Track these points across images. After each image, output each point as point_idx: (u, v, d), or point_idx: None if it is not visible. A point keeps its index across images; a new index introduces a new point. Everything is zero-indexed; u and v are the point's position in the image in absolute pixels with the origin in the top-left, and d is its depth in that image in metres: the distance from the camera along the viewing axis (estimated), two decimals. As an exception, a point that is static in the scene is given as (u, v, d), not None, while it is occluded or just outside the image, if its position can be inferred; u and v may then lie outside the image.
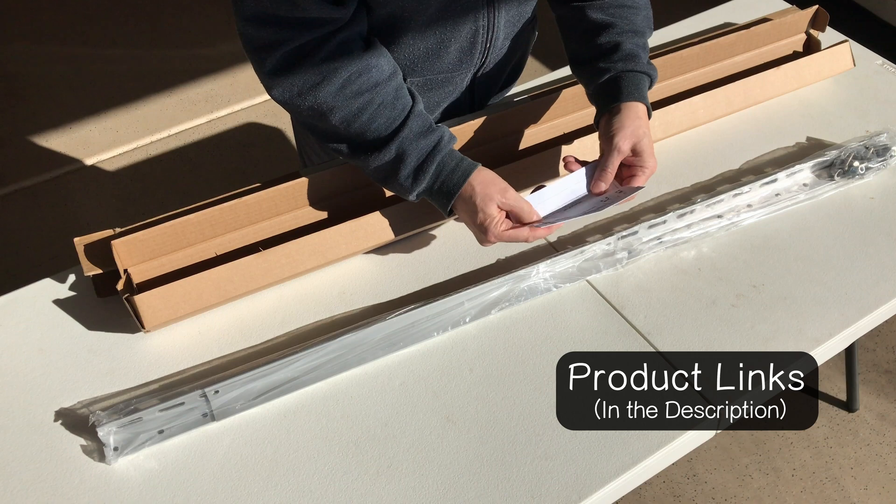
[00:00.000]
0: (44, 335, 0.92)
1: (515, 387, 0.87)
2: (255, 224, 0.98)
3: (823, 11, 1.27)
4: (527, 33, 1.12)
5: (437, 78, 1.04)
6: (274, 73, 0.87)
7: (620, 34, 0.97)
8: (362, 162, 0.92)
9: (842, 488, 1.66)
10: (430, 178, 0.90)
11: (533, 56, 2.71)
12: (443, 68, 1.03)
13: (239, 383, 0.84)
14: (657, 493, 1.66)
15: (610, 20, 0.97)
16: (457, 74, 1.05)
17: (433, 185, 0.90)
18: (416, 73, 1.02)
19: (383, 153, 0.89)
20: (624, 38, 0.96)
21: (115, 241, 0.91)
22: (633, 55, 0.96)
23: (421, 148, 0.89)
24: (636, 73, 0.95)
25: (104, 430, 0.81)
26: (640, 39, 0.97)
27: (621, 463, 0.81)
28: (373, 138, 0.89)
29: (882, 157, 1.10)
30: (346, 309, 0.95)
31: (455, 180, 0.89)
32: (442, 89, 1.07)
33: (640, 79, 0.95)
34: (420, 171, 0.90)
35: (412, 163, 0.89)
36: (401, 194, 0.93)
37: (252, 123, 2.53)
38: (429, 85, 1.05)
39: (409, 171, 0.90)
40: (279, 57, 0.86)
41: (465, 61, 1.03)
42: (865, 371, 1.87)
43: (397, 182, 0.91)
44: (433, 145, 0.90)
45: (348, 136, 0.90)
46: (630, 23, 0.98)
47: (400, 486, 0.79)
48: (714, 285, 0.97)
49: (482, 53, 1.03)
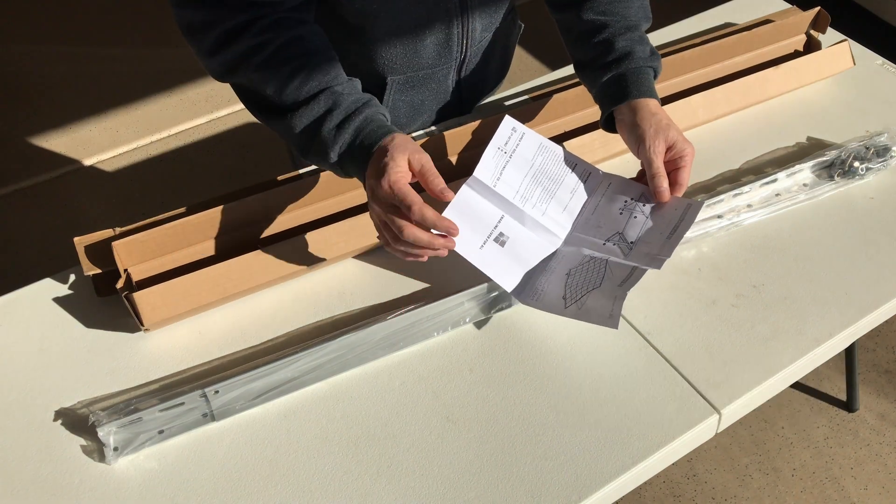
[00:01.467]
0: (44, 335, 0.92)
1: (515, 387, 0.87)
2: (255, 224, 0.98)
3: (824, 13, 1.27)
4: (507, 25, 1.12)
5: (419, 75, 1.04)
6: (210, 52, 0.87)
7: (614, 33, 0.95)
8: (290, 124, 0.87)
9: (842, 488, 1.66)
10: (354, 132, 0.84)
11: (534, 56, 2.71)
12: (422, 64, 1.03)
13: (239, 383, 0.85)
14: (657, 493, 1.66)
15: (603, 20, 0.96)
16: (438, 70, 1.05)
17: (355, 140, 0.84)
18: (396, 72, 1.02)
19: (312, 106, 0.85)
20: (617, 36, 0.95)
21: (116, 241, 0.91)
22: (627, 52, 0.94)
23: (351, 101, 0.86)
24: (636, 68, 0.94)
25: (104, 430, 0.81)
26: (634, 34, 0.96)
27: (621, 463, 0.81)
28: (303, 98, 0.86)
29: (882, 157, 1.10)
30: (346, 309, 0.95)
31: (378, 134, 0.84)
32: (425, 87, 1.07)
33: (641, 73, 0.94)
34: (346, 122, 0.84)
35: (339, 115, 0.85)
36: (323, 159, 0.87)
37: (252, 123, 2.53)
38: (411, 83, 1.05)
39: (335, 123, 0.84)
40: (214, 37, 0.86)
41: (445, 55, 1.03)
42: (865, 371, 1.87)
43: (320, 138, 0.85)
44: (364, 101, 0.86)
45: (280, 103, 0.87)
46: (623, 18, 0.96)
47: (400, 486, 0.79)
48: (714, 285, 0.97)
49: (460, 46, 1.03)
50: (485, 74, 1.15)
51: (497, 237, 0.90)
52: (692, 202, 0.91)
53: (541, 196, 0.93)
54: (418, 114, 1.12)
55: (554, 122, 1.13)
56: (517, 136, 0.92)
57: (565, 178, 0.94)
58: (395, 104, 1.08)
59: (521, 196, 0.92)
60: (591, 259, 0.91)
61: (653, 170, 0.90)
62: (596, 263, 0.91)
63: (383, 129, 0.84)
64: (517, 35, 1.21)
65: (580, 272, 0.91)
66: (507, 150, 0.91)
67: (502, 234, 0.90)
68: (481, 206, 0.90)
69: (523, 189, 0.92)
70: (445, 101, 1.12)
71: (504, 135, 0.91)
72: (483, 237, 0.89)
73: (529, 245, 0.92)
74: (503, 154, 0.91)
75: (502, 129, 0.91)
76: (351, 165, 0.86)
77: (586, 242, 0.93)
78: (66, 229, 2.20)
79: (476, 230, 0.89)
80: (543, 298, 0.90)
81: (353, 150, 0.85)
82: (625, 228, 0.92)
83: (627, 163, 1.12)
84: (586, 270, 0.91)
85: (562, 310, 0.88)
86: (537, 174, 0.93)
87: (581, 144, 1.08)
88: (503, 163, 0.91)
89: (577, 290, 0.89)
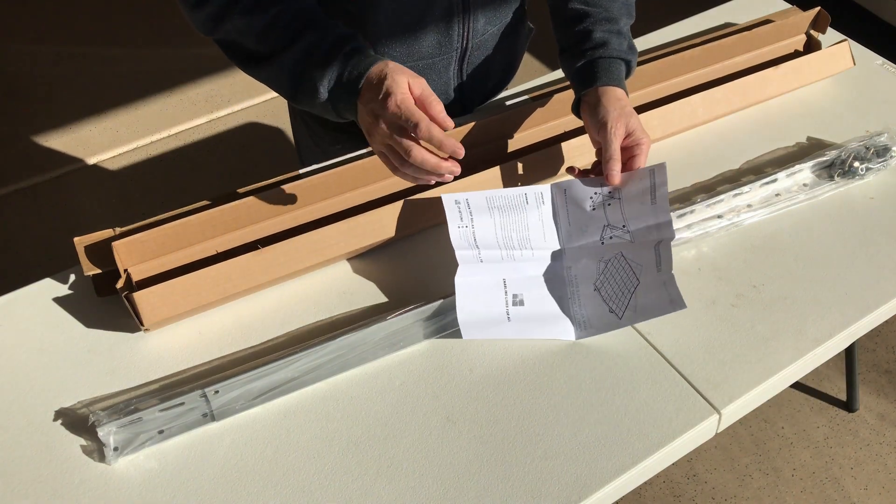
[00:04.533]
0: (44, 335, 0.92)
1: (515, 387, 0.87)
2: (255, 224, 0.98)
3: (825, 13, 1.27)
4: (515, 24, 1.12)
5: (418, 65, 1.05)
6: (196, 4, 0.88)
7: (593, 23, 0.99)
8: (279, 66, 0.87)
9: (842, 488, 1.66)
10: (341, 65, 0.84)
11: (535, 56, 2.71)
12: (422, 54, 1.03)
13: (239, 383, 0.85)
14: (657, 493, 1.66)
15: (586, 10, 1.00)
16: (438, 61, 1.06)
17: (343, 72, 0.84)
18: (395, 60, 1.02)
19: (295, 47, 0.85)
20: (596, 26, 0.99)
21: (116, 242, 0.91)
22: (603, 42, 0.97)
23: (338, 35, 0.86)
24: (609, 58, 0.97)
25: (104, 430, 0.81)
26: (612, 26, 0.99)
27: (621, 463, 0.81)
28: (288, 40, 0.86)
29: (882, 157, 1.10)
30: (346, 309, 0.95)
31: (367, 63, 0.83)
32: (426, 78, 1.07)
33: (612, 63, 0.97)
34: (331, 57, 0.84)
35: (326, 45, 0.85)
36: (311, 99, 0.87)
37: (252, 123, 2.53)
38: None
39: (320, 57, 0.84)
40: None
41: (445, 45, 1.04)
42: (865, 371, 1.87)
43: (308, 76, 0.85)
44: (352, 34, 0.87)
45: (267, 48, 0.87)
46: (605, 10, 1.00)
47: (400, 486, 0.79)
48: (714, 285, 0.97)
49: (461, 37, 1.04)
50: (488, 71, 1.15)
51: (514, 300, 0.92)
52: (654, 166, 0.92)
53: (519, 239, 0.94)
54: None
55: (554, 122, 1.13)
56: (463, 204, 0.92)
57: (525, 209, 0.95)
58: None
59: (506, 250, 0.93)
60: (607, 264, 0.92)
61: (609, 152, 0.91)
62: (616, 264, 0.92)
63: (371, 58, 0.84)
64: (527, 37, 1.21)
65: (608, 281, 0.92)
66: (465, 222, 0.93)
67: (516, 296, 0.92)
68: (482, 284, 0.91)
69: (502, 243, 0.93)
70: (447, 96, 1.12)
71: (453, 212, 0.92)
72: (504, 308, 0.91)
73: (543, 285, 0.94)
74: (465, 228, 0.92)
75: (448, 208, 0.92)
76: (341, 100, 0.85)
77: (586, 250, 0.94)
78: (66, 229, 2.21)
79: (494, 306, 0.91)
80: (594, 323, 0.91)
81: (343, 83, 0.84)
82: (608, 219, 0.93)
83: (627, 163, 1.12)
84: (612, 276, 0.92)
85: (619, 322, 0.89)
86: (503, 223, 0.94)
87: (580, 144, 1.08)
88: (470, 235, 0.92)
89: (619, 297, 0.91)
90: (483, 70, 1.14)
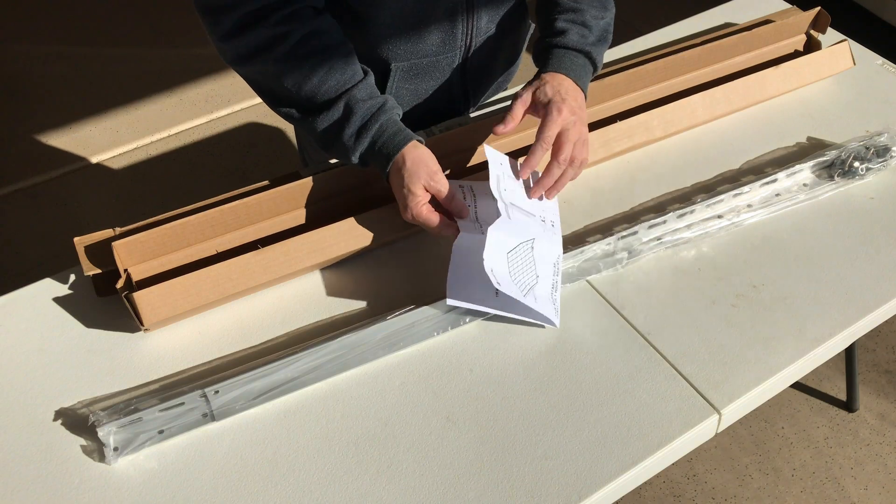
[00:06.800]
0: (44, 335, 0.92)
1: (515, 387, 0.87)
2: (255, 224, 0.98)
3: (825, 13, 1.27)
4: (516, 20, 1.13)
5: (422, 63, 1.05)
6: (228, 36, 0.90)
7: (560, 12, 1.02)
8: (311, 124, 0.93)
9: (842, 488, 1.66)
10: (372, 137, 0.92)
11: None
12: (426, 51, 1.04)
13: (239, 383, 0.85)
14: (657, 493, 1.66)
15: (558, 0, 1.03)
16: (442, 58, 1.06)
17: (374, 145, 0.92)
18: (399, 58, 1.03)
19: (332, 111, 0.92)
20: (560, 16, 1.02)
21: (116, 242, 0.91)
22: (561, 31, 1.00)
23: (367, 108, 0.92)
24: (563, 48, 0.99)
25: (104, 430, 0.81)
26: (576, 16, 1.01)
27: (621, 463, 0.81)
28: (322, 100, 0.92)
29: (882, 157, 1.10)
30: (346, 309, 0.95)
31: (395, 144, 0.91)
32: (429, 76, 1.07)
33: (567, 54, 0.99)
34: (364, 130, 0.91)
35: (357, 122, 0.91)
36: (345, 158, 0.95)
37: (252, 123, 2.53)
38: (414, 70, 1.05)
39: (354, 129, 0.92)
40: (233, 20, 0.88)
41: (449, 43, 1.04)
42: (865, 371, 1.87)
43: (342, 142, 0.92)
44: (378, 106, 0.92)
45: (299, 99, 0.92)
46: (574, 1, 1.02)
47: (400, 486, 0.79)
48: (714, 285, 0.97)
49: (465, 35, 1.04)
50: (491, 68, 1.16)
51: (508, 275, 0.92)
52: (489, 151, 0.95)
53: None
54: (423, 103, 1.12)
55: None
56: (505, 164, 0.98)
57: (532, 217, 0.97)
58: (399, 93, 1.08)
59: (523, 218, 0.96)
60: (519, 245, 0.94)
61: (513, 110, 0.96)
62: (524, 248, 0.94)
63: (399, 135, 0.91)
64: (527, 33, 1.22)
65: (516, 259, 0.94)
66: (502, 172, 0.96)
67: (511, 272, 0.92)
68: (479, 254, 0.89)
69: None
70: (450, 92, 1.12)
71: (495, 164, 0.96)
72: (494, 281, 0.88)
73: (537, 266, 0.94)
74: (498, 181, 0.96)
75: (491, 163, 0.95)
76: (373, 163, 0.94)
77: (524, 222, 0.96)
78: (66, 229, 2.21)
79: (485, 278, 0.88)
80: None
81: (374, 154, 0.92)
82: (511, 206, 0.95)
83: (627, 163, 1.12)
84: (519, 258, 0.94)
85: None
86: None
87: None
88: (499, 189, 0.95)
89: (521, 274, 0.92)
90: (486, 66, 1.14)
